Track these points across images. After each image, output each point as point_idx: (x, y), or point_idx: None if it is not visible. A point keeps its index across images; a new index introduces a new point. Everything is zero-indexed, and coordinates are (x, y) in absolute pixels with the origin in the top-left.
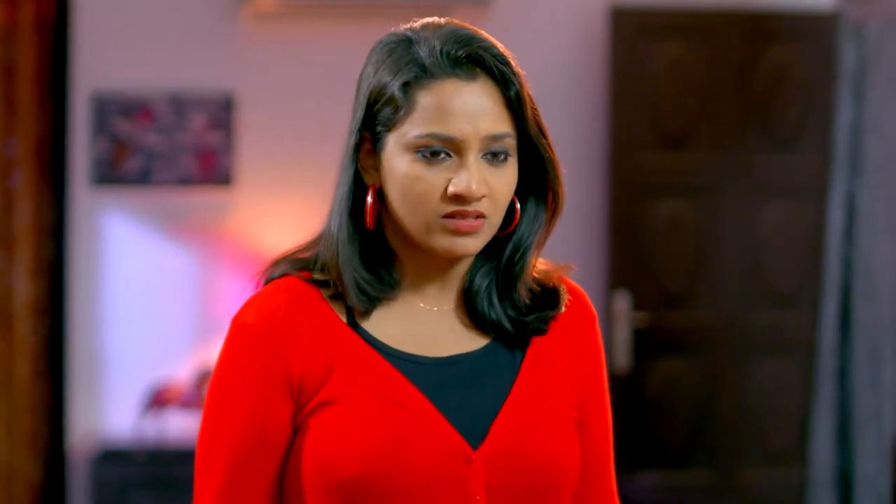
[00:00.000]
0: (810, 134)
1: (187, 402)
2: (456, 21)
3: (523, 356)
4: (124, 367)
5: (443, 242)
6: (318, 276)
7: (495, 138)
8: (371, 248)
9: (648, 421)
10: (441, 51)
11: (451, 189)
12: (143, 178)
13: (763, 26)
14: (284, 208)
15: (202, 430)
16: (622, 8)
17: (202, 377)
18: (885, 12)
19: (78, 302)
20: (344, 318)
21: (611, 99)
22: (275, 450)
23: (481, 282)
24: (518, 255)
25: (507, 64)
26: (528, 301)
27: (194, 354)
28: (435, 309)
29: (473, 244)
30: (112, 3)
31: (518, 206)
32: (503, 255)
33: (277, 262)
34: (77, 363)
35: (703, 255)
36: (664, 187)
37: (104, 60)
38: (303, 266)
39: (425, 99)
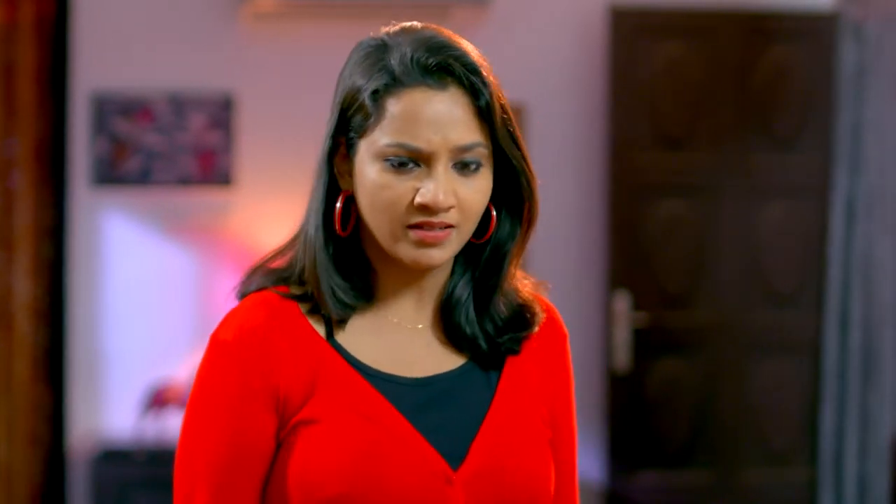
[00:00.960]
0: (810, 134)
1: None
2: (434, 27)
3: (499, 376)
4: (124, 367)
5: (408, 252)
6: (294, 290)
7: (465, 149)
8: (347, 256)
9: (648, 421)
10: (412, 58)
11: (417, 199)
12: (143, 178)
13: (763, 26)
14: (284, 208)
15: (182, 447)
16: (622, 8)
17: None
18: (885, 12)
19: (78, 302)
20: (322, 333)
21: (610, 99)
22: (259, 463)
23: (460, 293)
24: (495, 263)
25: (478, 73)
26: (506, 313)
27: (194, 354)
28: (413, 327)
29: (439, 255)
30: (112, 3)
31: (494, 213)
32: (480, 264)
33: (253, 273)
34: (77, 363)
35: (702, 255)
36: (664, 187)
37: (104, 60)
38: (280, 278)
39: (394, 107)
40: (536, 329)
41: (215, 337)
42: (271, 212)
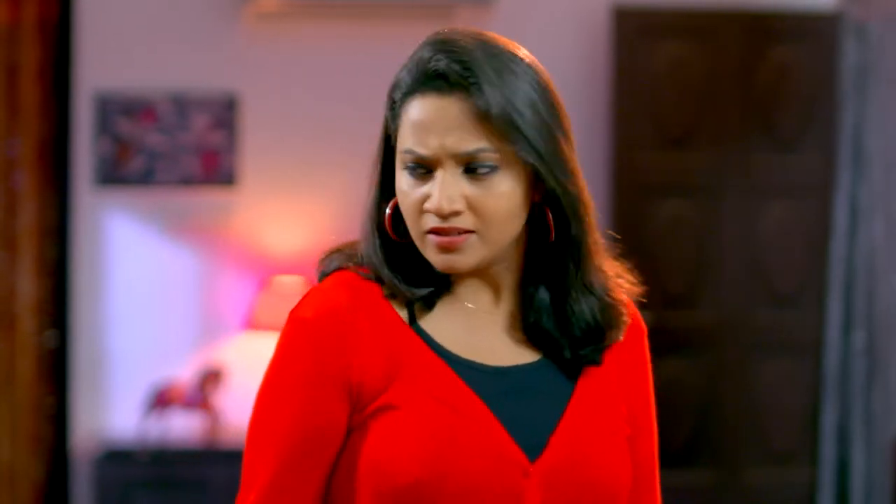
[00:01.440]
0: (812, 134)
1: (190, 403)
2: (457, 28)
3: (580, 369)
4: (127, 368)
5: (433, 257)
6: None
7: (467, 154)
8: (414, 254)
9: None
10: (418, 64)
11: (425, 205)
12: (146, 178)
13: (765, 26)
14: (288, 208)
15: (252, 423)
16: (624, 8)
17: (205, 377)
18: (887, 12)
19: (81, 302)
20: (404, 317)
21: (613, 99)
22: (326, 450)
23: (534, 294)
24: (558, 266)
25: (476, 78)
26: (589, 317)
27: (197, 355)
28: (491, 318)
29: (461, 261)
30: (115, 4)
31: (550, 215)
32: (549, 267)
33: (333, 253)
34: (80, 363)
35: (705, 255)
36: (666, 187)
37: (107, 60)
38: (360, 260)
39: (406, 115)
40: (621, 338)
41: (295, 313)
42: (275, 211)
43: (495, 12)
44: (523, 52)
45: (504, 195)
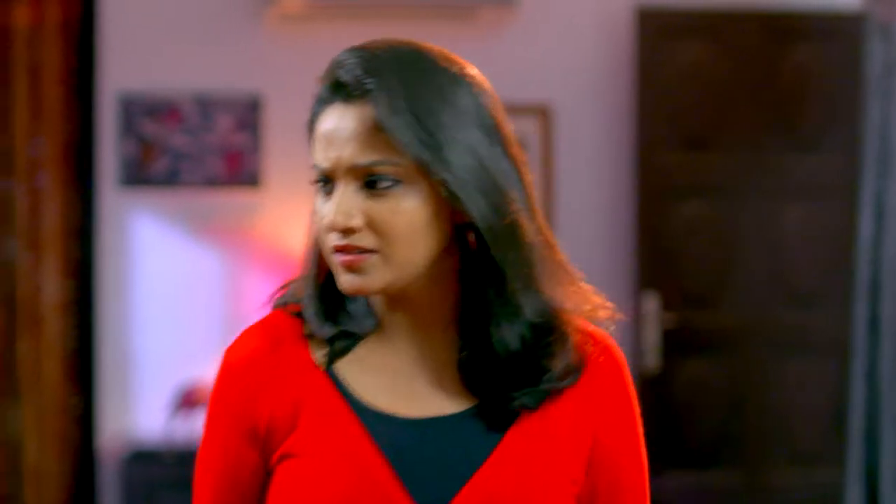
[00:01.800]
0: (835, 135)
1: None
2: (386, 38)
3: (513, 421)
4: (153, 368)
5: (339, 278)
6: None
7: (363, 167)
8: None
9: (676, 421)
10: (328, 74)
11: (324, 222)
12: (171, 179)
13: (788, 26)
14: (311, 209)
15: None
16: (648, 8)
17: None
18: None
19: (106, 302)
20: (319, 358)
21: (637, 100)
22: (247, 489)
23: (470, 328)
24: (482, 293)
25: (372, 86)
26: (514, 346)
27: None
28: (422, 361)
29: (367, 282)
30: (138, 4)
31: (471, 238)
32: (478, 296)
33: (287, 285)
34: (106, 364)
35: (729, 255)
36: (689, 188)
37: (130, 61)
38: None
39: (316, 127)
40: (570, 382)
41: (224, 356)
42: (299, 213)
43: (518, 13)
44: (458, 68)
45: (406, 212)
